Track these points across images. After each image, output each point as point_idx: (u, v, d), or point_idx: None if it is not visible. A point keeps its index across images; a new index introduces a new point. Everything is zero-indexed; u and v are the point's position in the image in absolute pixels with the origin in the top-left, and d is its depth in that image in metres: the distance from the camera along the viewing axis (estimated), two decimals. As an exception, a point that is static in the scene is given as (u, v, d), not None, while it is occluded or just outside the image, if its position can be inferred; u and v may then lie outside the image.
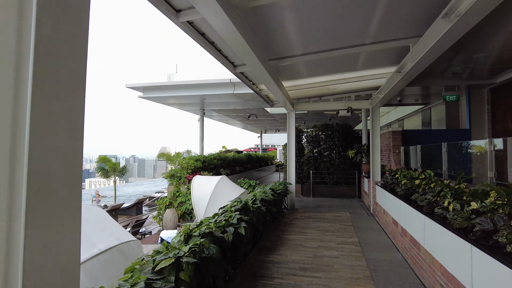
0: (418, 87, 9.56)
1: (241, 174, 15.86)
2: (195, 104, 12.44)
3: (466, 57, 6.64)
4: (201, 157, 11.57)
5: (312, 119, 16.84)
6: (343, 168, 12.14)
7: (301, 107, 9.55)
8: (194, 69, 10.22)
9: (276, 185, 8.20)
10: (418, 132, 9.68)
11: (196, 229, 3.35)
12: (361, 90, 8.97)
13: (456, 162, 5.23)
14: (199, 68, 10.03)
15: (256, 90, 7.79)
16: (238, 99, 11.01)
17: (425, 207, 4.27)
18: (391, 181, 7.08)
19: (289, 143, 9.59)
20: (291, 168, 9.54)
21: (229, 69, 5.81)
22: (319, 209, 9.42)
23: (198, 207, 7.33)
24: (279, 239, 6.21)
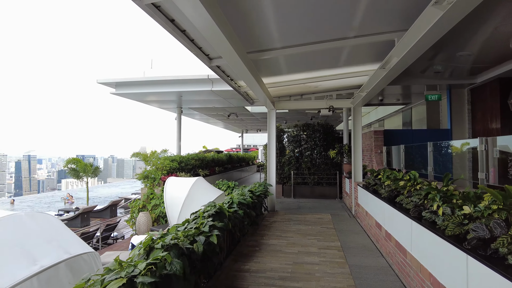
0: (399, 87, 9.46)
1: (221, 175, 15.38)
2: (171, 102, 11.87)
3: (448, 55, 6.52)
4: (177, 157, 11.02)
5: (294, 118, 16.60)
6: (324, 169, 11.93)
7: (282, 105, 9.22)
8: (170, 65, 9.72)
9: (255, 186, 7.82)
10: (399, 132, 9.58)
11: (159, 240, 2.90)
12: (343, 88, 8.74)
13: (442, 163, 5.02)
14: (176, 64, 9.53)
15: (234, 86, 7.38)
16: (217, 97, 10.55)
17: (412, 210, 4.00)
18: (373, 182, 6.86)
19: (270, 143, 9.24)
20: (271, 169, 9.19)
21: (204, 62, 5.38)
22: (300, 211, 9.12)
23: (172, 211, 6.84)
24: (257, 244, 5.83)
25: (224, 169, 16.17)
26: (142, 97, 11.07)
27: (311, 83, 7.65)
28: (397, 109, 13.62)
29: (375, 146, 8.54)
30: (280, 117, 16.06)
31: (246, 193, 6.39)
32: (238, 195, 6.12)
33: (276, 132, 12.47)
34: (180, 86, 9.72)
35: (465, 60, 6.78)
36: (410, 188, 4.80)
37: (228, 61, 5.03)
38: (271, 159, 9.20)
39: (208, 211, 4.30)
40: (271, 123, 9.23)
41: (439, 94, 8.39)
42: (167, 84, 9.83)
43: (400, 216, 4.34)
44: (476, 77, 8.08)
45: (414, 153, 6.43)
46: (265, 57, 5.37)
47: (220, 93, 9.79)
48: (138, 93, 10.38)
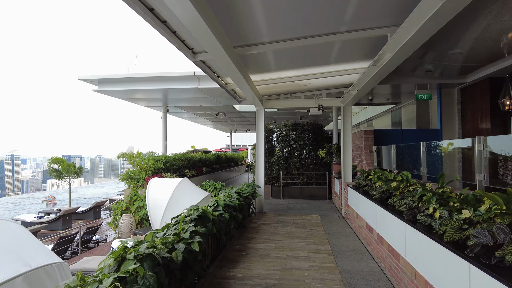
0: (389, 86, 9.35)
1: (208, 175, 15.06)
2: (157, 100, 11.48)
3: (440, 54, 6.40)
4: (162, 157, 10.65)
5: (283, 118, 16.40)
6: (313, 169, 11.76)
7: (271, 104, 8.98)
8: (156, 62, 9.37)
9: (243, 188, 7.55)
10: (390, 132, 9.48)
11: (132, 250, 2.60)
12: (332, 87, 8.57)
13: (436, 163, 4.86)
14: (161, 61, 9.18)
15: (221, 84, 7.10)
16: (204, 95, 10.23)
17: (406, 213, 3.81)
18: (364, 183, 6.69)
19: (258, 143, 8.98)
20: (260, 169, 8.93)
21: (188, 56, 5.07)
22: (289, 212, 8.90)
23: (155, 214, 6.51)
24: (244, 248, 5.56)
25: (212, 170, 15.85)
26: (125, 95, 10.65)
27: (300, 81, 7.43)
28: (386, 109, 13.57)
29: (365, 146, 8.39)
30: (269, 116, 15.84)
31: (232, 195, 6.11)
32: (224, 197, 5.84)
33: (265, 131, 12.24)
34: (166, 83, 9.36)
35: (456, 59, 6.68)
36: (403, 190, 4.61)
37: (213, 56, 4.74)
38: (259, 159, 8.95)
39: (190, 215, 4.00)
40: (260, 122, 8.98)
41: (429, 93, 8.29)
42: (152, 81, 9.46)
43: (393, 219, 4.15)
44: (466, 77, 8.01)
45: (406, 153, 6.28)
46: (253, 52, 5.10)
47: (207, 91, 9.48)
48: (121, 90, 9.97)
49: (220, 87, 7.37)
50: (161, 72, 9.12)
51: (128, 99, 11.38)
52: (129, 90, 9.97)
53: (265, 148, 12.22)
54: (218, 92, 9.58)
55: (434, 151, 5.00)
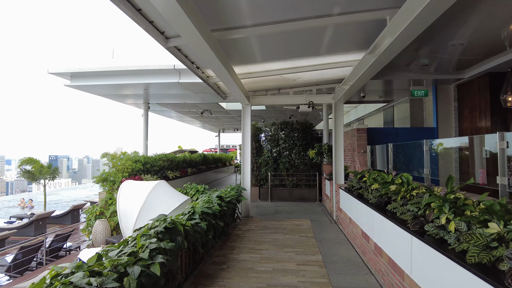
0: (382, 82, 8.87)
1: (193, 177, 14.35)
2: (136, 96, 10.71)
3: (439, 45, 5.90)
4: (142, 157, 9.90)
5: (272, 117, 15.82)
6: (303, 170, 11.20)
7: (258, 100, 8.36)
8: (134, 54, 8.63)
9: (226, 191, 6.91)
10: (383, 131, 8.99)
11: (58, 284, 1.93)
12: (323, 82, 8.01)
13: (442, 164, 4.32)
14: (140, 53, 8.44)
15: (202, 77, 6.44)
16: (187, 91, 9.54)
17: (411, 223, 3.24)
18: (358, 185, 6.14)
19: (244, 142, 8.35)
20: (246, 171, 8.30)
21: (159, 41, 4.41)
22: (277, 216, 8.29)
23: (126, 222, 5.80)
24: (226, 260, 4.92)
25: (197, 171, 15.14)
26: (101, 90, 9.86)
27: (289, 74, 6.84)
28: (378, 107, 13.14)
29: (358, 145, 7.86)
30: (257, 115, 15.23)
31: (213, 200, 5.46)
32: (203, 203, 5.19)
33: (252, 131, 11.62)
34: (144, 77, 8.64)
35: (455, 52, 6.20)
36: (404, 194, 4.06)
37: (188, 41, 4.09)
38: (245, 160, 8.31)
39: (155, 227, 3.34)
40: (246, 120, 8.35)
41: (425, 90, 7.82)
42: (129, 75, 8.73)
43: (394, 229, 3.58)
44: (463, 72, 7.57)
45: (405, 152, 5.75)
46: (234, 37, 4.47)
47: (189, 86, 8.80)
48: (96, 85, 9.19)
49: (202, 81, 6.72)
50: (139, 65, 8.39)
51: (105, 95, 10.59)
52: (105, 85, 9.20)
53: (252, 148, 11.61)
54: (201, 88, 8.91)
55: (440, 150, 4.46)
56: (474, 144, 3.84)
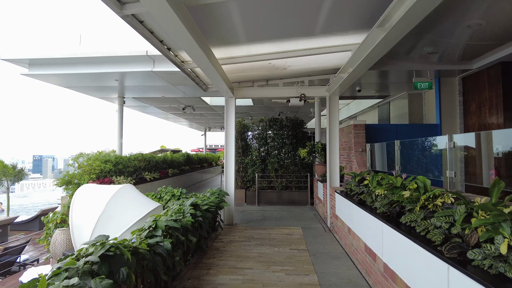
0: (380, 75, 8.05)
1: (175, 178, 13.29)
2: (109, 89, 9.60)
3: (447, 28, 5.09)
4: (113, 157, 8.80)
5: (260, 114, 14.89)
6: (293, 170, 10.30)
7: (244, 93, 7.40)
8: (104, 41, 7.54)
9: (205, 196, 5.94)
10: (381, 127, 8.17)
11: None
12: (317, 73, 7.12)
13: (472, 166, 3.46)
14: (111, 39, 7.36)
15: (176, 61, 5.44)
16: (164, 82, 8.51)
17: (445, 246, 2.34)
18: (357, 190, 5.27)
19: (228, 140, 7.39)
20: (229, 173, 7.34)
21: (111, 6, 3.40)
22: (265, 224, 7.36)
23: (79, 235, 4.76)
24: (199, 285, 3.95)
25: (180, 171, 14.08)
26: (66, 81, 8.71)
27: (278, 61, 5.92)
28: (372, 104, 12.38)
29: (355, 143, 7.00)
30: (244, 112, 14.27)
31: (185, 209, 4.48)
32: (172, 213, 4.20)
33: (239, 128, 10.65)
34: (114, 65, 7.57)
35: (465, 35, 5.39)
36: (424, 203, 3.18)
37: (148, 7, 3.11)
38: (229, 160, 7.35)
39: (88, 255, 2.35)
40: (230, 115, 7.38)
41: (429, 82, 7.02)
42: (97, 63, 7.64)
43: (415, 250, 2.70)
44: (471, 62, 6.81)
45: (415, 151, 4.89)
46: (209, 2, 3.50)
47: (164, 76, 7.77)
48: (59, 74, 8.05)
49: (177, 67, 5.72)
50: (107, 52, 7.31)
51: (72, 87, 9.43)
52: (69, 75, 8.07)
53: (238, 147, 10.65)
54: (179, 78, 7.89)
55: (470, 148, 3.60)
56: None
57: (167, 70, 7.27)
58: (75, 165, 8.32)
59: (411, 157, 4.97)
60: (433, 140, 4.65)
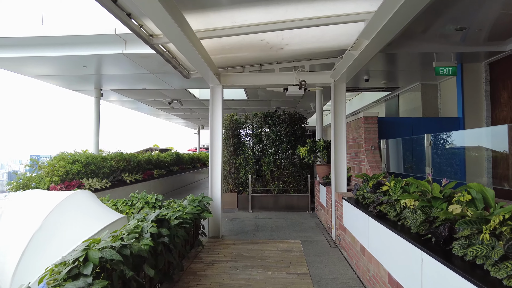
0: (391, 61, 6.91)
1: (163, 180, 12.14)
2: (82, 80, 8.38)
3: None
4: (82, 156, 7.60)
5: (255, 109, 13.70)
6: (291, 171, 9.14)
7: (232, 80, 6.23)
8: (70, 21, 6.34)
9: (181, 206, 4.77)
10: (395, 122, 7.00)
11: None
12: (319, 55, 5.97)
13: None
14: (79, 19, 6.14)
15: (143, 35, 4.26)
16: (141, 69, 7.33)
17: None
18: (373, 198, 4.13)
19: (213, 135, 6.22)
20: (215, 174, 6.17)
21: None
22: (258, 235, 6.20)
23: (3, 261, 3.57)
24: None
25: (168, 172, 12.92)
26: (23, 66, 7.47)
27: (273, 35, 4.76)
28: (378, 97, 11.23)
29: (366, 139, 5.85)
30: (238, 107, 13.08)
31: (145, 227, 3.30)
32: (125, 233, 3.02)
33: (230, 123, 9.49)
34: (78, 47, 6.38)
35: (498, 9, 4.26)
36: (500, 228, 2.02)
37: None
38: (215, 159, 6.18)
39: None
40: (216, 106, 6.21)
41: (453, 66, 5.89)
42: (59, 44, 6.45)
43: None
44: (503, 44, 5.67)
45: (452, 149, 3.74)
46: None
47: (138, 59, 6.58)
48: (15, 58, 6.84)
49: (147, 44, 4.54)
50: (70, 31, 6.11)
51: (31, 74, 8.17)
52: (27, 58, 6.86)
53: (229, 145, 9.48)
54: (156, 64, 6.72)
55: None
56: None
57: (140, 53, 6.09)
58: (33, 166, 7.12)
59: (446, 156, 3.82)
60: (474, 134, 3.51)
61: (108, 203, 5.96)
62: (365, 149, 5.82)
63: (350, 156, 6.73)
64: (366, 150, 5.80)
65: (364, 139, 5.88)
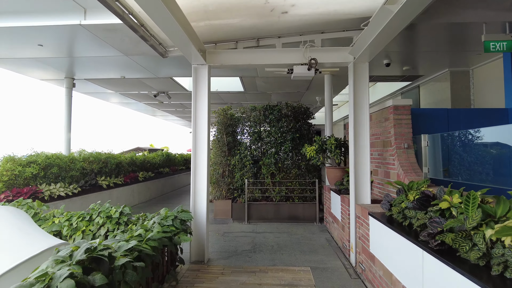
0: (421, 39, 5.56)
1: (150, 183, 10.80)
2: (43, 64, 6.98)
3: None
4: (39, 157, 6.22)
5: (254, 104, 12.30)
6: (296, 175, 7.75)
7: (222, 58, 4.86)
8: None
9: (143, 227, 3.39)
10: (426, 113, 5.56)
11: None
12: (334, 25, 4.60)
13: None
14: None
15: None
16: (111, 50, 5.96)
17: None
18: (424, 219, 2.78)
19: (197, 131, 4.85)
20: (199, 181, 4.80)
21: None
22: (255, 259, 4.83)
23: None
24: None
25: (157, 175, 11.56)
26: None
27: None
28: (393, 90, 9.87)
29: (397, 135, 4.48)
30: (234, 101, 11.70)
31: (56, 278, 1.93)
32: None
33: (224, 119, 8.14)
34: (25, 16, 5.00)
35: None
36: None
37: None
38: (199, 161, 4.82)
39: None
40: (201, 90, 4.83)
41: (509, 40, 4.51)
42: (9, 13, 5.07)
43: None
44: None
45: None
46: None
47: (102, 34, 5.18)
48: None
49: (104, 5, 3.20)
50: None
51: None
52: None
53: (223, 144, 8.11)
54: (127, 40, 5.34)
55: None
56: None
57: (102, 23, 4.71)
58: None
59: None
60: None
61: (60, 217, 4.60)
62: (396, 147, 4.44)
63: (372, 157, 5.35)
64: (397, 149, 4.42)
65: (393, 134, 4.50)
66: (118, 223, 4.46)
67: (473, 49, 6.03)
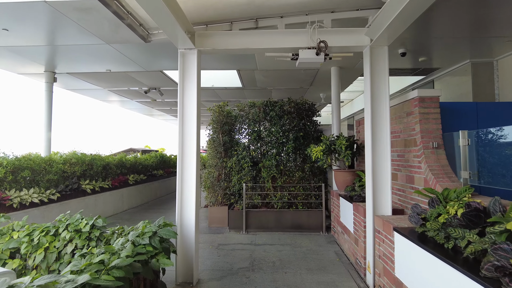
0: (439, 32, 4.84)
1: (141, 187, 10.07)
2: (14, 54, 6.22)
3: None
4: (11, 159, 5.47)
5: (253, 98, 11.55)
6: (300, 178, 6.98)
7: (214, 41, 4.11)
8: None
9: (106, 254, 2.64)
10: (451, 107, 4.82)
11: None
12: (347, 4, 3.86)
13: None
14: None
15: None
16: (90, 37, 5.22)
17: None
18: (482, 244, 2.02)
19: (184, 127, 4.11)
20: (187, 187, 4.06)
21: None
22: (253, 280, 4.07)
23: None
24: None
25: (149, 177, 10.82)
26: None
27: None
28: (404, 86, 9.13)
29: (424, 132, 3.73)
30: (231, 99, 10.96)
31: None
32: None
33: (220, 117, 7.41)
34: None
35: None
36: None
37: None
38: (186, 164, 4.08)
39: None
40: (188, 79, 4.09)
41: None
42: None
43: None
44: None
45: None
46: None
47: (74, 15, 4.43)
48: None
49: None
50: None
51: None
52: None
53: (219, 144, 7.37)
54: (105, 23, 4.58)
55: None
56: None
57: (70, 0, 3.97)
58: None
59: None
60: None
61: (21, 230, 3.86)
62: (422, 147, 3.69)
63: (392, 159, 4.60)
64: (424, 149, 3.67)
65: (419, 131, 3.75)
66: (89, 238, 3.72)
67: (501, 34, 5.29)
